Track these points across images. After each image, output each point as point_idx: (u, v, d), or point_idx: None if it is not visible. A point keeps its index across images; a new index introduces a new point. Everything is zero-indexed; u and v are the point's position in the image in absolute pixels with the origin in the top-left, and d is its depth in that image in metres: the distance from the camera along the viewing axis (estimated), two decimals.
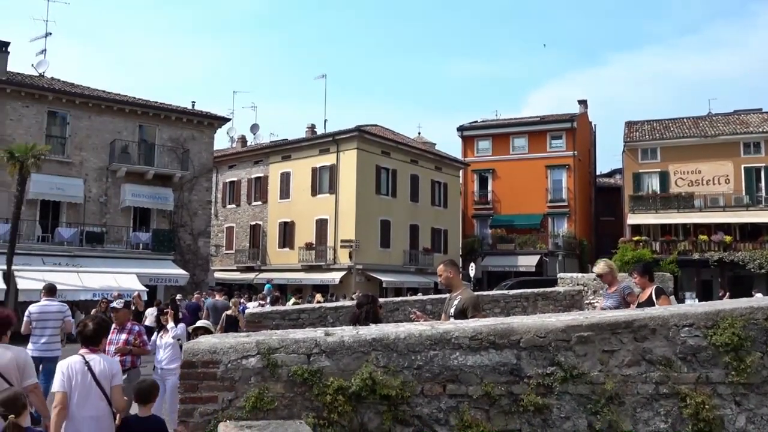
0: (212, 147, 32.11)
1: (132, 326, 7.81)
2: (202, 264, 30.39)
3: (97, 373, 4.57)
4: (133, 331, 7.71)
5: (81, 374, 4.52)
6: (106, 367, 4.68)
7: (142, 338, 7.74)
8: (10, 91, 25.86)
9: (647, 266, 6.97)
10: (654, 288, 6.37)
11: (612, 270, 6.97)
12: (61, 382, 4.49)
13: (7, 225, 23.52)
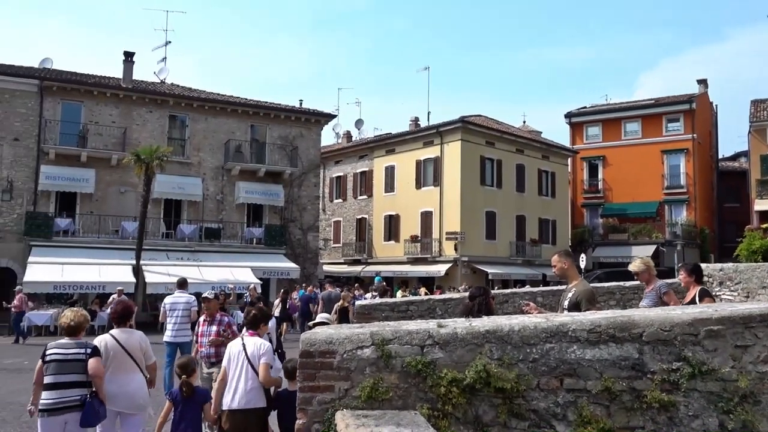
0: (319, 143, 32.99)
1: (222, 317, 7.90)
2: (311, 257, 31.34)
3: (249, 353, 5.32)
4: (223, 322, 7.82)
5: (238, 353, 5.32)
6: (255, 348, 5.36)
7: (232, 329, 7.80)
8: (135, 98, 27.85)
9: (696, 266, 6.44)
10: (699, 289, 6.03)
11: (649, 268, 6.65)
12: (225, 360, 5.44)
13: (135, 223, 25.40)
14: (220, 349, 7.46)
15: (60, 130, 26.41)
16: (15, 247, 24.95)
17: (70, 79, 27.63)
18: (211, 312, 7.85)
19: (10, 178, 25.28)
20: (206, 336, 7.67)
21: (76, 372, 5.17)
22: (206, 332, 7.71)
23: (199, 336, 7.86)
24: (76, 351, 5.23)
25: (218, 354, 7.48)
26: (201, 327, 7.93)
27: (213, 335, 7.62)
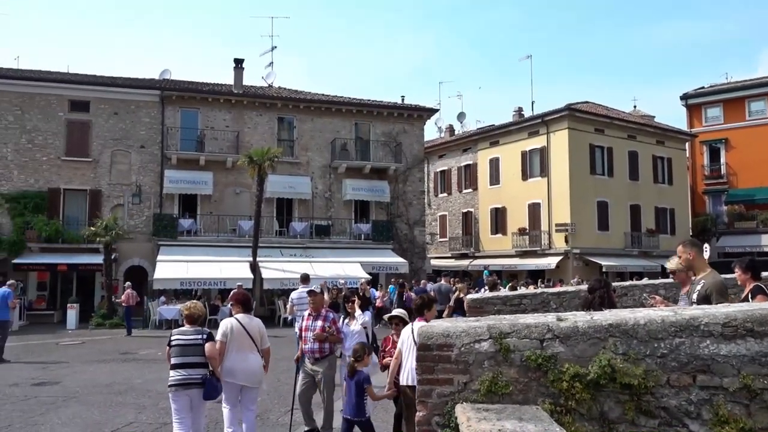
0: (422, 138, 33.08)
1: (327, 313, 7.71)
2: (418, 252, 31.52)
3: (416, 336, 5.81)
4: (328, 318, 7.62)
5: (407, 337, 5.77)
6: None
7: (336, 326, 7.68)
8: (246, 102, 29.18)
9: (753, 261, 5.55)
10: (753, 286, 5.29)
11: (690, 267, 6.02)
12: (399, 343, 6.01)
13: (251, 222, 26.64)
14: (324, 345, 7.45)
15: (180, 136, 28.21)
16: (145, 246, 26.93)
17: (187, 88, 29.41)
18: (317, 307, 7.71)
19: (139, 182, 27.30)
20: (311, 331, 7.55)
21: (196, 354, 6.21)
22: (311, 327, 7.59)
23: (303, 331, 7.73)
24: (195, 337, 6.29)
25: (322, 349, 7.46)
26: (305, 322, 7.76)
27: (318, 330, 7.49)
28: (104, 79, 29.30)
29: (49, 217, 26.04)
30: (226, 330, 6.42)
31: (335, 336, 7.58)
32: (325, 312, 7.70)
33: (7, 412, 9.08)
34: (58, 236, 25.79)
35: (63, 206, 26.75)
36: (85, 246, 25.26)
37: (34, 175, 26.46)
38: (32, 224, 25.57)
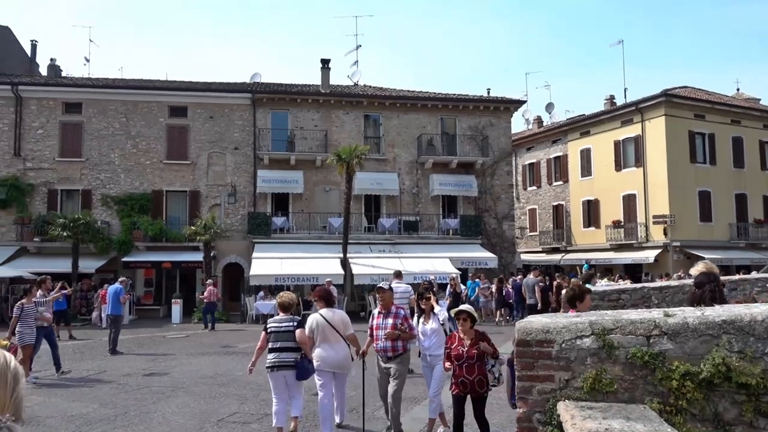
0: (510, 131, 32.51)
1: (398, 310, 7.42)
2: (508, 247, 31.04)
3: None
4: (399, 315, 7.33)
5: None
6: None
7: (408, 323, 7.37)
8: (333, 102, 29.73)
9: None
10: None
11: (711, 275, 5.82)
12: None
13: (340, 219, 27.14)
14: (396, 343, 7.22)
15: (271, 137, 29.12)
16: (240, 244, 28.03)
17: (277, 90, 30.30)
18: (386, 304, 7.39)
19: (234, 183, 28.43)
20: (382, 329, 7.23)
21: (289, 340, 7.13)
22: (381, 325, 7.26)
23: (374, 329, 7.37)
24: (288, 324, 7.22)
25: (395, 348, 7.20)
26: (375, 320, 7.40)
27: (389, 328, 7.18)
28: (200, 84, 30.74)
29: (154, 217, 27.62)
30: (311, 325, 7.21)
31: (407, 333, 7.30)
32: (395, 309, 7.43)
33: (123, 400, 9.74)
34: (162, 235, 27.30)
35: (165, 207, 28.29)
36: (186, 244, 26.60)
37: (139, 178, 28.14)
38: (138, 224, 27.21)
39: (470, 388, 6.20)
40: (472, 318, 6.34)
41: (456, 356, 6.25)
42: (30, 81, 29.25)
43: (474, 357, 6.17)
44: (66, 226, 24.64)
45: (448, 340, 6.51)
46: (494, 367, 6.26)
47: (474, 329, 6.38)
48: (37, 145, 27.81)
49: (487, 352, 6.21)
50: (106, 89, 28.67)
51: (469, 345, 6.24)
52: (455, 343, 6.37)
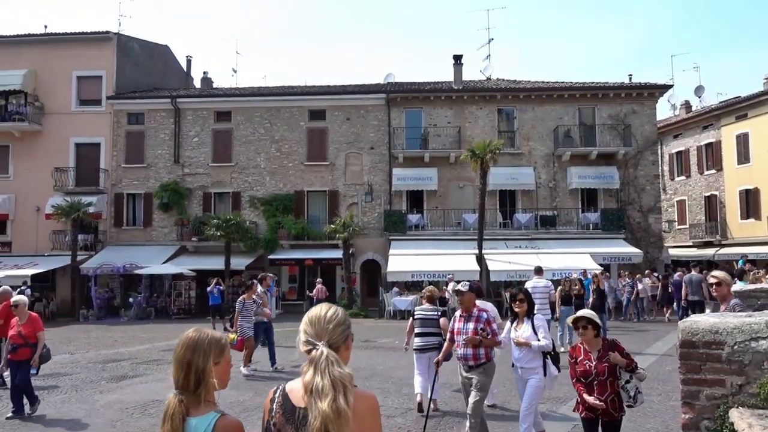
0: (654, 118, 30.58)
1: (480, 313, 6.69)
2: (654, 241, 29.24)
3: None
4: (482, 318, 6.62)
5: None
6: None
7: (491, 327, 6.64)
8: (466, 97, 29.59)
9: None
10: None
11: (727, 283, 5.94)
12: None
13: (475, 215, 26.99)
14: (479, 351, 6.53)
15: (405, 135, 29.56)
16: (377, 241, 28.73)
17: (410, 89, 30.69)
18: (467, 307, 6.72)
19: (370, 182, 29.20)
20: (463, 334, 6.60)
21: (433, 326, 8.54)
22: (462, 330, 6.64)
23: (455, 334, 6.75)
24: (432, 313, 8.61)
25: (477, 356, 6.52)
26: (456, 323, 6.77)
27: (470, 333, 6.52)
28: (337, 88, 31.92)
29: (296, 216, 29.09)
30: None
31: (490, 339, 6.54)
32: (477, 312, 6.69)
33: None
34: (304, 234, 28.67)
35: (307, 206, 29.68)
36: (326, 242, 27.75)
37: (282, 179, 29.76)
38: (283, 224, 28.78)
39: (602, 410, 5.06)
40: (594, 325, 5.20)
41: (583, 373, 5.12)
42: (186, 93, 31.97)
43: (605, 372, 5.02)
44: (219, 227, 26.60)
45: (572, 352, 5.35)
46: (629, 383, 5.06)
47: (602, 338, 5.29)
48: (193, 152, 30.27)
49: (620, 364, 5.03)
50: (252, 97, 30.62)
51: (597, 358, 5.10)
52: (580, 356, 5.24)
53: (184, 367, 2.31)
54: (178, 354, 2.34)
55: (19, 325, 8.63)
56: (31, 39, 31.60)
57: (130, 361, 14.10)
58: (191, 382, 2.29)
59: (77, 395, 10.19)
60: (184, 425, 2.24)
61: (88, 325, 24.23)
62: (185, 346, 2.34)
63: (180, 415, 2.24)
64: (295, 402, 2.21)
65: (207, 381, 2.31)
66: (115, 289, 29.06)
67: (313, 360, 2.15)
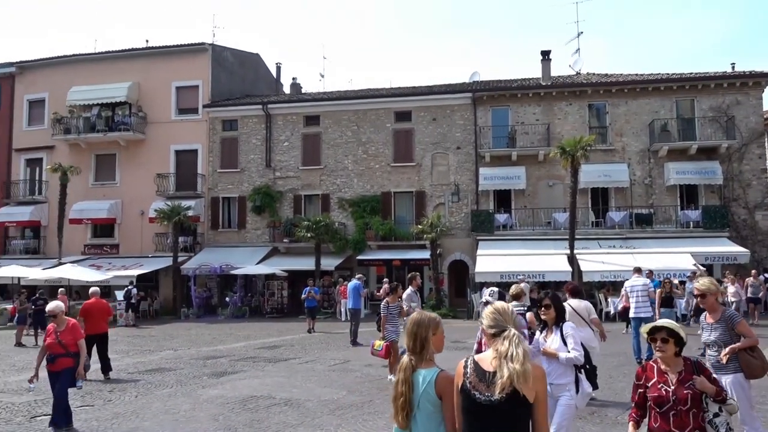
0: (761, 108, 28.63)
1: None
2: (762, 239, 27.39)
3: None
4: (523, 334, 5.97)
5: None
6: None
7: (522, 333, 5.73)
8: (555, 93, 28.88)
9: None
10: None
11: (718, 292, 5.73)
12: None
13: (565, 214, 26.30)
14: None
15: (492, 134, 29.21)
16: (464, 241, 28.56)
17: (497, 87, 30.30)
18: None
19: (457, 182, 29.06)
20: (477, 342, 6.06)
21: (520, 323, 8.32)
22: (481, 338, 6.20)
23: (481, 345, 6.26)
24: (520, 309, 7.99)
25: None
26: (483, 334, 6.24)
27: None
28: (422, 89, 32.00)
29: (383, 217, 29.39)
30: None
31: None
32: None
33: (367, 388, 10.51)
34: (391, 234, 28.93)
35: (394, 207, 29.93)
36: (413, 242, 27.88)
37: (369, 181, 30.16)
38: (370, 224, 29.16)
39: None
40: (677, 339, 4.03)
41: (656, 400, 3.97)
42: (276, 99, 33.08)
43: (687, 401, 3.89)
44: (309, 228, 27.30)
45: (640, 372, 4.20)
46: (718, 417, 3.99)
47: (684, 357, 4.09)
48: (284, 156, 31.23)
49: (708, 392, 3.93)
50: (339, 101, 31.25)
51: (676, 381, 3.95)
52: (653, 377, 4.07)
53: (413, 337, 3.32)
54: (408, 328, 3.37)
55: (58, 333, 8.04)
56: (135, 53, 33.65)
57: (229, 357, 14.73)
58: (418, 346, 3.30)
59: (182, 389, 10.76)
60: (413, 375, 3.24)
61: (189, 323, 25.51)
62: (413, 323, 3.37)
63: (410, 368, 3.27)
64: (485, 367, 3.06)
65: (428, 346, 3.30)
66: (212, 289, 30.43)
67: (507, 336, 3.05)
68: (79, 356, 8.12)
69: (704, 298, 5.75)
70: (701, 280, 5.94)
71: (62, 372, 7.93)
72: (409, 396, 3.21)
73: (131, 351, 16.60)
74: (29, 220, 32.96)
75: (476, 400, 3.00)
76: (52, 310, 8.16)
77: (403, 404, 3.21)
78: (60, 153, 33.07)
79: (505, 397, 2.91)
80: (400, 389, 3.24)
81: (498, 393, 2.92)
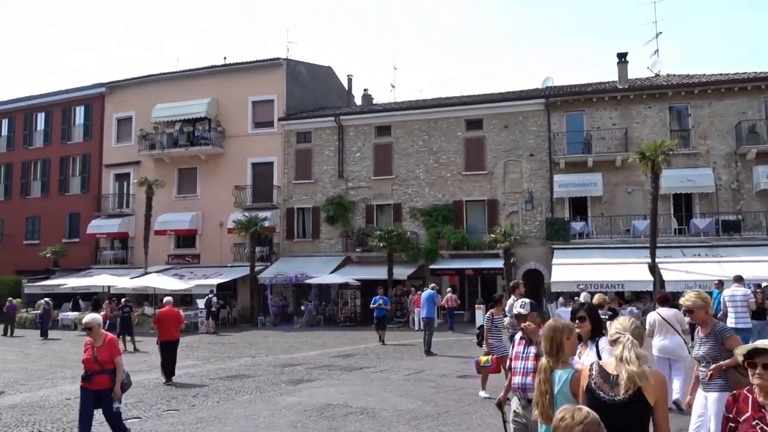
0: None
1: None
2: None
3: None
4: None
5: None
6: None
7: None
8: (633, 96, 27.97)
9: None
10: None
11: (707, 305, 5.47)
12: None
13: (645, 221, 25.35)
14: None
15: (566, 140, 28.56)
16: (539, 250, 28.00)
17: (571, 91, 29.65)
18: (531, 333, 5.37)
19: (530, 189, 28.55)
20: (522, 359, 5.30)
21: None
22: (522, 355, 5.31)
23: (513, 360, 5.44)
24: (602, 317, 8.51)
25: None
26: (516, 347, 5.45)
27: (531, 359, 5.17)
28: (494, 96, 31.74)
29: (455, 226, 29.22)
30: (651, 321, 9.14)
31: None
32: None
33: (443, 399, 10.46)
34: (464, 243, 28.71)
35: (466, 216, 29.71)
36: (486, 252, 27.56)
37: (441, 190, 30.09)
38: (442, 234, 29.05)
39: None
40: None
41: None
42: (348, 111, 33.58)
43: None
44: (381, 238, 27.49)
45: (730, 403, 3.34)
46: None
47: None
48: (356, 166, 31.62)
49: None
50: (410, 111, 31.39)
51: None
52: (746, 411, 3.21)
53: (550, 341, 3.87)
54: (546, 333, 3.93)
55: (95, 348, 7.20)
56: (213, 70, 35.02)
57: (305, 365, 15.00)
58: (554, 349, 3.84)
59: (261, 396, 11.04)
60: (551, 375, 3.75)
61: (266, 331, 26.16)
62: (551, 328, 3.94)
63: (549, 369, 3.79)
64: (609, 371, 3.42)
65: (563, 349, 3.86)
66: (288, 298, 31.09)
67: (621, 342, 3.42)
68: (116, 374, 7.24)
69: (692, 313, 5.55)
70: (687, 295, 5.61)
71: (102, 391, 7.15)
72: (552, 393, 3.69)
73: (212, 357, 17.18)
74: (118, 231, 34.77)
75: (601, 399, 3.32)
76: (89, 323, 7.37)
77: (550, 400, 3.69)
78: (145, 168, 34.75)
79: (628, 397, 3.24)
80: (543, 388, 3.72)
81: (622, 393, 3.26)
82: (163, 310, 13.47)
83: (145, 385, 12.33)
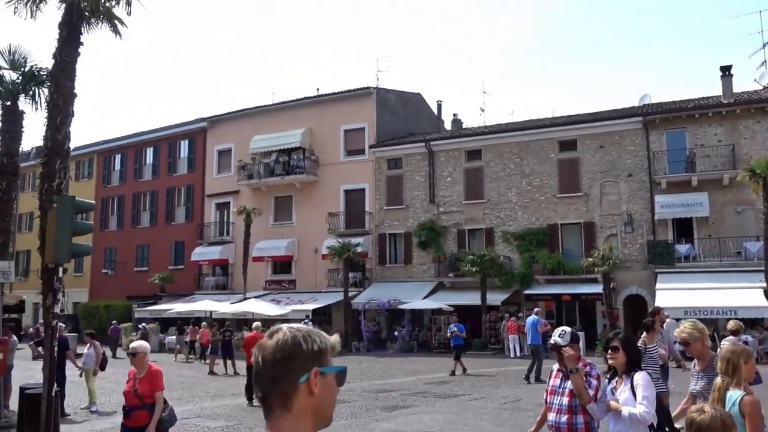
0: None
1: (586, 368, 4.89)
2: None
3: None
4: (592, 374, 4.85)
5: None
6: None
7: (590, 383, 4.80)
8: (739, 111, 26.40)
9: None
10: None
11: (704, 336, 4.96)
12: None
13: (759, 243, 23.69)
14: (575, 418, 4.74)
15: (667, 159, 27.28)
16: (641, 275, 26.70)
17: (671, 108, 28.38)
18: (570, 358, 4.88)
19: (629, 211, 27.41)
20: (558, 395, 4.88)
21: None
22: (558, 389, 4.92)
23: (549, 394, 5.04)
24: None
25: (573, 425, 4.73)
26: (552, 380, 5.04)
27: (567, 395, 4.81)
28: (587, 116, 30.90)
29: (551, 250, 28.43)
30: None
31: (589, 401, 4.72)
32: (582, 365, 4.87)
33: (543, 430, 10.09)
34: (560, 268, 27.85)
35: (561, 240, 28.87)
36: (584, 276, 26.60)
37: (534, 213, 29.45)
38: (537, 258, 28.35)
39: None
40: None
41: None
42: (438, 136, 33.73)
43: None
44: (474, 263, 27.20)
45: None
46: None
47: None
48: (447, 191, 31.58)
49: None
50: (500, 134, 31.11)
51: None
52: None
53: (727, 362, 4.02)
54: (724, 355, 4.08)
55: (137, 380, 6.28)
56: (307, 101, 36.26)
57: (399, 392, 14.97)
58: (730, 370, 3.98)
59: (356, 422, 11.11)
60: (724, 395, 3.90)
61: (359, 356, 26.35)
62: (729, 351, 4.07)
63: (723, 389, 3.94)
64: None
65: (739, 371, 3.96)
66: (381, 323, 31.25)
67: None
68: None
69: (688, 345, 5.09)
70: (682, 326, 5.13)
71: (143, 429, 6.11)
72: None
73: None
74: (219, 258, 36.38)
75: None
76: (134, 349, 6.42)
77: None
78: (244, 197, 36.26)
79: None
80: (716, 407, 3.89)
81: None
82: (250, 335, 14.07)
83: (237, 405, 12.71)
